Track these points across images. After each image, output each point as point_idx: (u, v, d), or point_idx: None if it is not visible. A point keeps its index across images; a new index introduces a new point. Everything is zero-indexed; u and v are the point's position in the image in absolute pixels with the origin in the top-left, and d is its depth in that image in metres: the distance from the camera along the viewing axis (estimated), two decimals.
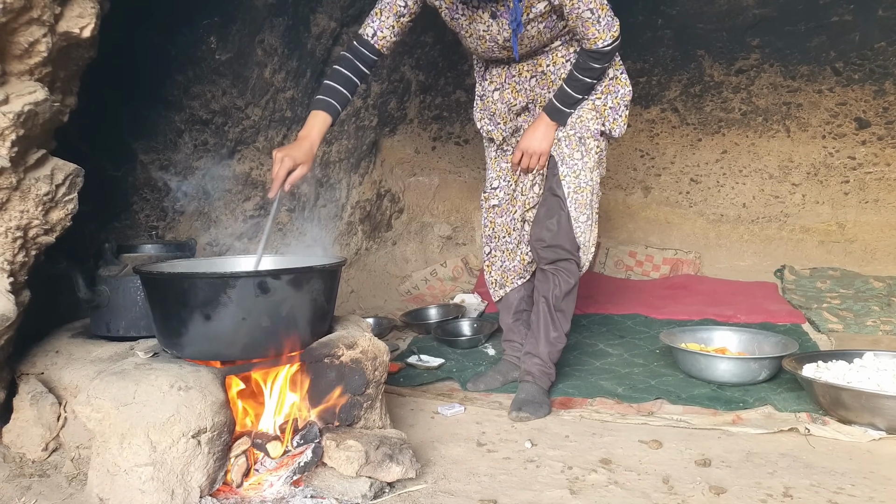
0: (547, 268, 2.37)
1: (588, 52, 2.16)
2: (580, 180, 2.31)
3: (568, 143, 2.30)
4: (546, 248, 2.35)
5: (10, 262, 1.66)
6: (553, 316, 2.38)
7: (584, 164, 2.30)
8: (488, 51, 2.25)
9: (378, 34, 2.14)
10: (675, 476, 1.82)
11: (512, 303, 2.58)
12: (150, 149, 2.98)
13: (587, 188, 2.31)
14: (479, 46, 2.24)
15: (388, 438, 1.78)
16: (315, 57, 3.64)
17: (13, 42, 1.55)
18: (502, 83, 2.36)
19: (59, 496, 1.62)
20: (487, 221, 2.55)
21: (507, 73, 2.34)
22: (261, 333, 1.72)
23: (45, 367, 1.88)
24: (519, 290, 2.56)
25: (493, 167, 2.55)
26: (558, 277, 2.35)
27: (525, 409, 2.25)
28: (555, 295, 2.36)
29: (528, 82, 2.32)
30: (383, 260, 4.37)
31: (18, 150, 1.59)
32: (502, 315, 2.63)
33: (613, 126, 2.34)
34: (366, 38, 2.15)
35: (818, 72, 4.32)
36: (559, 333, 2.40)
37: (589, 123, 2.30)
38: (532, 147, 2.30)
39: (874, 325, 3.23)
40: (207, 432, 1.56)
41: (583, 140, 2.30)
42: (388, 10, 2.13)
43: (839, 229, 4.28)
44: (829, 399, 2.14)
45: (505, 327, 2.63)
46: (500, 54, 2.25)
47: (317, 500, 1.61)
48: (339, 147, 4.08)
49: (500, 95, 2.38)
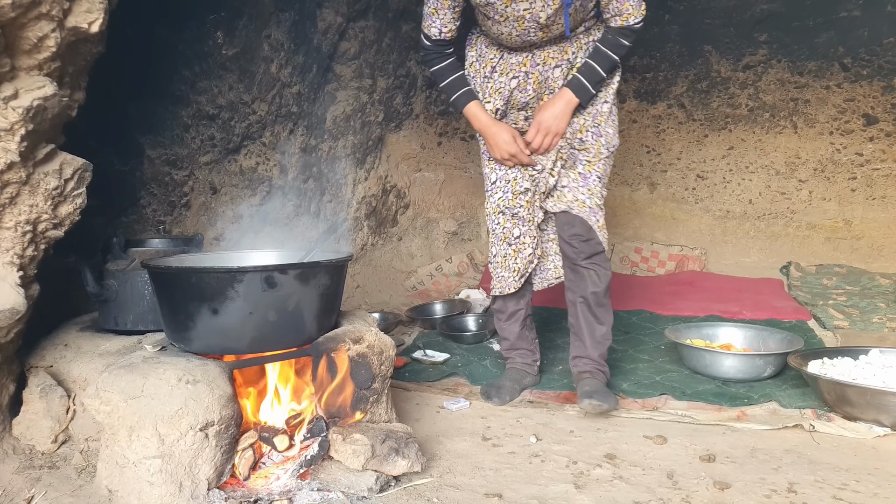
0: (583, 263, 2.30)
1: (619, 30, 2.13)
2: (605, 169, 2.28)
3: (587, 131, 2.25)
4: (584, 241, 2.28)
5: (19, 255, 1.68)
6: (595, 313, 2.33)
7: (605, 151, 2.27)
8: (523, 33, 2.13)
9: (443, 30, 2.21)
10: (679, 471, 1.82)
11: (516, 310, 2.48)
12: (158, 144, 2.99)
13: (606, 178, 2.31)
14: (514, 29, 2.12)
15: (394, 432, 1.79)
16: (321, 52, 3.65)
17: (22, 37, 1.56)
18: (524, 72, 2.23)
19: (68, 488, 1.63)
20: (496, 224, 2.42)
21: (531, 62, 2.22)
22: (268, 328, 1.73)
23: (54, 361, 1.90)
24: (522, 294, 2.46)
25: (509, 180, 2.37)
26: (597, 273, 2.30)
27: (596, 398, 2.19)
28: (593, 292, 2.30)
29: (551, 71, 2.22)
30: (389, 255, 4.38)
31: (28, 145, 1.60)
32: (507, 325, 2.51)
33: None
34: (435, 37, 2.23)
35: (826, 67, 4.30)
36: (606, 329, 2.36)
37: (603, 107, 2.26)
38: (549, 123, 2.20)
39: (880, 322, 3.22)
40: (215, 425, 1.57)
41: (600, 128, 2.26)
42: (441, 7, 2.16)
43: (846, 226, 4.27)
44: (835, 396, 2.14)
45: (511, 335, 2.51)
46: (534, 36, 2.13)
47: (323, 493, 1.63)
48: (345, 142, 4.08)
49: (518, 84, 2.25)
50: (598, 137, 2.26)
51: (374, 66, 4.01)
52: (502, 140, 2.25)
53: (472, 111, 2.28)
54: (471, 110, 2.28)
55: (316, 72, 3.65)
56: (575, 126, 2.25)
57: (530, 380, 2.50)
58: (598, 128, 2.26)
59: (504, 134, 2.25)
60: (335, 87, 3.91)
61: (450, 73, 2.29)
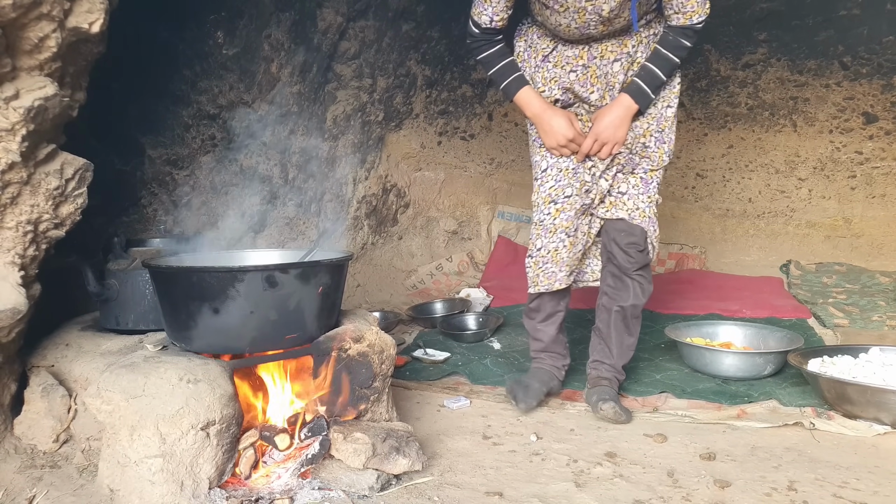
0: (633, 274, 2.22)
1: (681, 29, 2.02)
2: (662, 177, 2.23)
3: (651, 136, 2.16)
4: (640, 252, 2.20)
5: (20, 255, 1.68)
6: (629, 324, 2.28)
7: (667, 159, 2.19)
8: (583, 26, 2.01)
9: (495, 18, 2.08)
10: (679, 470, 1.83)
11: (555, 311, 2.33)
12: (158, 143, 2.99)
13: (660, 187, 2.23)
14: (573, 21, 2.01)
15: (395, 431, 1.79)
16: (321, 52, 3.65)
17: (23, 37, 1.56)
18: (582, 65, 2.12)
19: (69, 487, 1.63)
20: (545, 214, 2.24)
21: (587, 55, 2.10)
22: (269, 327, 1.73)
23: (56, 360, 1.90)
24: (564, 294, 2.31)
25: (562, 169, 2.22)
26: (641, 285, 2.23)
27: (613, 404, 2.15)
28: (634, 304, 2.24)
29: (610, 66, 2.10)
30: (389, 254, 4.38)
31: (29, 145, 1.60)
32: (542, 326, 2.35)
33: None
34: (485, 25, 2.10)
35: (826, 66, 4.30)
36: (634, 339, 2.31)
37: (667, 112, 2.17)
38: (607, 134, 2.10)
39: (880, 320, 3.22)
40: (216, 425, 1.57)
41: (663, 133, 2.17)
42: None
43: (846, 224, 4.27)
44: (835, 394, 2.14)
45: (546, 338, 2.35)
46: (594, 30, 2.02)
47: (324, 492, 1.63)
48: (345, 142, 4.08)
49: (577, 77, 2.14)
50: (662, 144, 2.17)
51: (375, 65, 4.01)
52: (557, 125, 2.11)
53: (524, 96, 2.15)
54: (523, 96, 2.15)
55: (316, 71, 3.65)
56: (638, 130, 2.15)
57: (556, 385, 2.36)
58: (661, 133, 2.17)
59: (559, 119, 2.11)
60: (335, 87, 3.91)
61: (499, 60, 2.16)
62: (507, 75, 2.17)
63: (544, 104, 2.14)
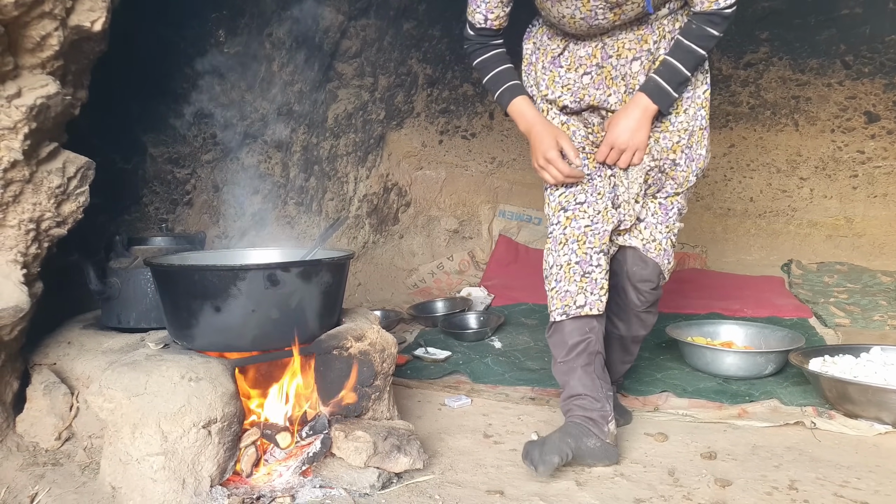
0: (642, 312, 2.00)
1: (706, 15, 1.74)
2: (686, 200, 1.96)
3: (681, 152, 1.88)
4: (653, 290, 1.96)
5: (23, 253, 1.68)
6: (629, 349, 2.12)
7: (694, 178, 1.93)
8: (589, 15, 1.76)
9: (489, 16, 1.86)
10: (680, 469, 1.83)
11: (580, 340, 1.87)
12: (160, 142, 3.00)
13: (685, 211, 1.98)
14: (577, 10, 1.76)
15: (396, 429, 1.79)
16: (323, 50, 3.65)
17: (25, 36, 1.56)
18: (595, 65, 1.86)
19: (72, 485, 1.64)
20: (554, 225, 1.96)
21: (601, 53, 1.84)
22: (270, 325, 1.73)
23: (58, 358, 1.90)
24: (590, 322, 1.89)
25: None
26: (644, 321, 2.03)
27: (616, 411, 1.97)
28: (635, 336, 2.06)
29: (629, 65, 1.84)
30: (390, 253, 4.38)
31: (31, 144, 1.60)
32: (567, 361, 1.88)
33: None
34: (479, 25, 1.88)
35: (827, 65, 4.30)
36: (633, 357, 2.17)
37: (701, 121, 1.89)
38: (622, 140, 1.81)
39: (881, 319, 3.22)
40: (218, 423, 1.58)
41: (692, 149, 1.89)
42: None
43: (847, 224, 4.27)
44: (836, 393, 2.15)
45: (571, 377, 1.86)
46: (602, 19, 1.76)
47: (325, 490, 1.63)
48: (347, 140, 4.09)
49: (592, 81, 1.88)
50: (691, 162, 1.90)
51: (376, 64, 4.02)
52: (541, 142, 1.84)
53: (517, 108, 1.90)
54: (516, 107, 1.90)
55: (317, 70, 3.66)
56: (666, 143, 1.87)
57: (595, 444, 1.79)
58: (691, 149, 1.89)
59: (546, 136, 1.84)
60: (336, 86, 3.91)
61: (494, 66, 1.93)
62: (502, 83, 1.93)
63: (537, 117, 1.89)
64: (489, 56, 1.94)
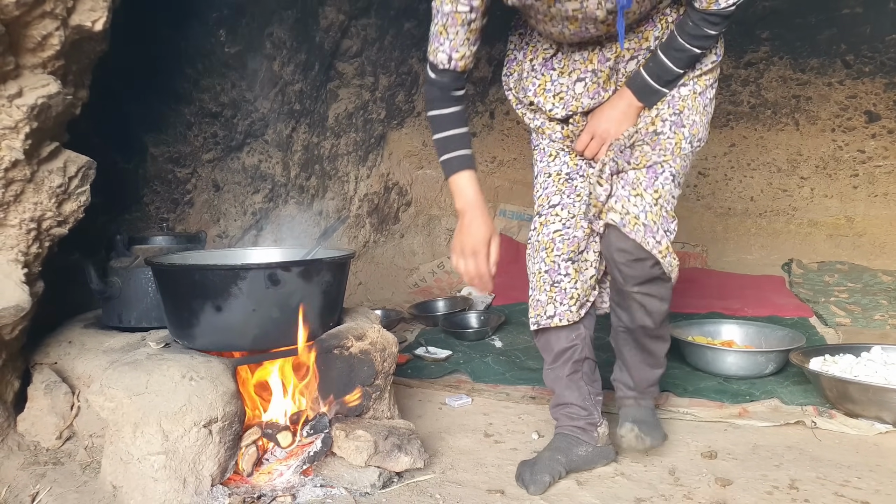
0: (634, 291, 1.74)
1: (704, 14, 1.59)
2: (682, 166, 1.76)
3: (663, 121, 1.72)
4: (635, 261, 1.71)
5: (24, 253, 1.69)
6: (644, 345, 1.85)
7: (688, 146, 1.74)
8: (579, 31, 1.65)
9: (454, 56, 1.63)
10: (681, 468, 1.83)
11: (566, 347, 1.83)
12: (161, 141, 3.00)
13: (681, 177, 1.77)
14: (565, 28, 1.65)
15: (397, 429, 1.79)
16: (324, 50, 3.65)
17: (26, 35, 1.57)
18: (591, 70, 1.73)
19: (73, 484, 1.64)
20: (531, 230, 1.89)
21: (598, 56, 1.71)
22: (271, 325, 1.74)
23: (59, 357, 1.91)
24: (576, 326, 1.83)
25: (550, 174, 1.85)
26: (644, 305, 1.75)
27: (641, 427, 1.77)
28: (642, 326, 1.79)
29: (624, 65, 1.72)
30: (391, 252, 4.38)
31: (32, 143, 1.61)
32: (552, 370, 1.86)
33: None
34: (442, 66, 1.65)
35: (828, 64, 4.30)
36: (656, 359, 1.87)
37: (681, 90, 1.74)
38: (603, 128, 1.71)
39: (882, 319, 3.22)
40: (218, 422, 1.58)
41: (682, 116, 1.73)
42: (452, 24, 1.59)
43: (848, 223, 4.27)
44: (836, 393, 2.15)
45: (558, 385, 1.85)
46: (594, 32, 1.65)
47: (326, 489, 1.63)
48: (347, 140, 4.09)
49: (586, 89, 1.74)
50: (680, 128, 1.72)
51: (377, 63, 4.02)
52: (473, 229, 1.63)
53: (460, 183, 1.67)
54: (459, 181, 1.67)
55: (318, 69, 3.66)
56: (646, 118, 1.73)
57: (586, 451, 1.79)
58: (679, 116, 1.72)
59: (483, 228, 1.63)
60: (337, 85, 3.91)
61: (448, 126, 1.69)
62: (451, 149, 1.69)
63: (477, 200, 1.66)
64: (446, 113, 1.70)
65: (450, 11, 1.58)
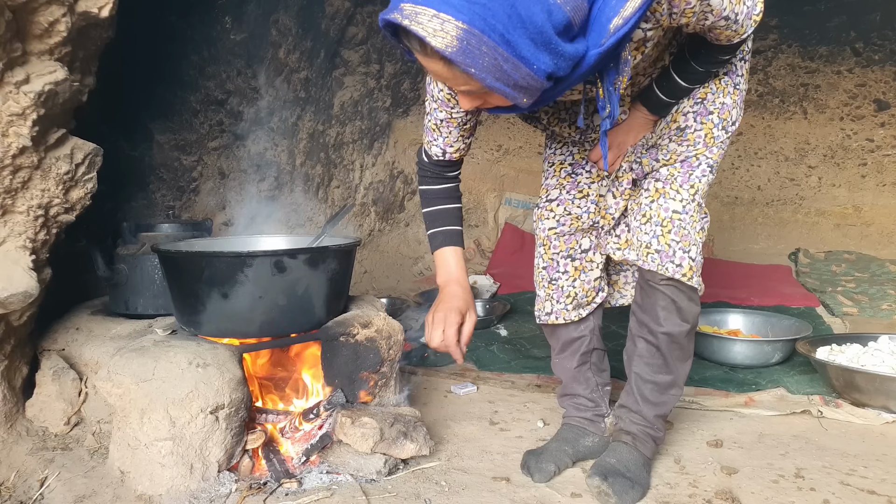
0: (662, 285, 1.63)
1: (717, 47, 1.44)
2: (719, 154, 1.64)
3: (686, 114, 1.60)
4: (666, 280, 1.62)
5: (31, 240, 1.69)
6: (666, 356, 1.67)
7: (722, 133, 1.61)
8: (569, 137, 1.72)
9: (448, 150, 1.64)
10: (686, 456, 1.83)
11: (574, 338, 1.81)
12: (167, 129, 3.00)
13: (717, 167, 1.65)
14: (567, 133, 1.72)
15: (403, 416, 1.80)
16: (329, 37, 3.64)
17: (33, 22, 1.56)
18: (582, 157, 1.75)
19: (81, 469, 1.65)
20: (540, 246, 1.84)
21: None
22: (277, 312, 1.74)
23: (66, 344, 1.91)
24: (584, 321, 1.82)
25: (554, 163, 1.81)
26: (676, 302, 1.63)
27: (611, 481, 1.57)
28: (668, 332, 1.64)
29: (639, 85, 1.58)
30: (396, 241, 4.38)
31: (39, 130, 1.60)
32: (559, 360, 1.85)
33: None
34: (436, 157, 1.66)
35: (837, 52, 4.27)
36: (673, 378, 1.69)
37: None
38: (618, 140, 1.64)
39: (889, 308, 3.22)
40: (225, 408, 1.59)
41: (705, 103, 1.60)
42: (446, 125, 1.59)
43: (855, 212, 4.25)
44: (843, 382, 2.14)
45: (565, 375, 1.85)
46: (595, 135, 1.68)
47: (332, 476, 1.64)
48: (353, 128, 4.08)
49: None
50: (707, 116, 1.59)
51: (382, 51, 4.00)
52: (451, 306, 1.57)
53: (444, 257, 1.67)
54: (444, 256, 1.67)
55: (324, 57, 3.65)
56: (667, 117, 1.62)
57: (593, 441, 1.79)
58: (701, 104, 1.59)
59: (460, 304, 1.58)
60: (343, 73, 3.90)
61: (439, 201, 1.69)
62: (439, 223, 1.69)
63: (460, 276, 1.65)
64: (438, 189, 1.70)
65: (445, 118, 1.58)
